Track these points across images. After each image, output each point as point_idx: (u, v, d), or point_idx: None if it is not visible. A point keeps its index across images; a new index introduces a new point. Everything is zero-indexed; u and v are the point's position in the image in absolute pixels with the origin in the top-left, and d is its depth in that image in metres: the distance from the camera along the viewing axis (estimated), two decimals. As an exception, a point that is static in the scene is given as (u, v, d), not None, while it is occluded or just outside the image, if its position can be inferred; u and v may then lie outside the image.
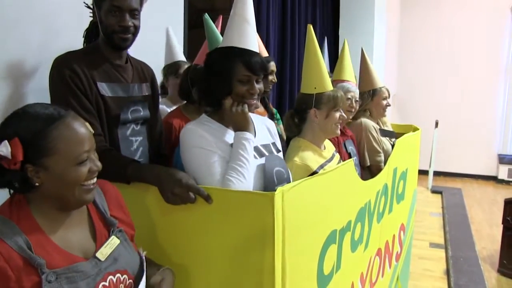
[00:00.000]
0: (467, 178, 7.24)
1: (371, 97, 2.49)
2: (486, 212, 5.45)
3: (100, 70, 1.39)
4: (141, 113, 1.50)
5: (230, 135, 1.32)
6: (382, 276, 2.17)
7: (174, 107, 2.30)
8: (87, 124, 0.94)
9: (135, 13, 1.41)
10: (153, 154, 1.58)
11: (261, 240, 1.08)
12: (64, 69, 1.30)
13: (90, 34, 1.51)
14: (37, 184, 0.87)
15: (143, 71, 1.55)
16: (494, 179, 7.12)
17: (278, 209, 1.07)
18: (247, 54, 1.28)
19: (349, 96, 2.14)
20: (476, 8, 6.98)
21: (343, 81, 2.18)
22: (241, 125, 1.29)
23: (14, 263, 0.81)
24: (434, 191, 6.14)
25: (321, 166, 1.66)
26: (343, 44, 2.37)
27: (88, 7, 1.51)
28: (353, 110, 2.20)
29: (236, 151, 1.24)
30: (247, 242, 1.11)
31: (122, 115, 1.41)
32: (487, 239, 4.49)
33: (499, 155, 7.11)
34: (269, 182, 1.29)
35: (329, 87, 1.73)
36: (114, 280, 0.96)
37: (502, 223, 3.67)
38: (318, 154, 1.71)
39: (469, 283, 3.39)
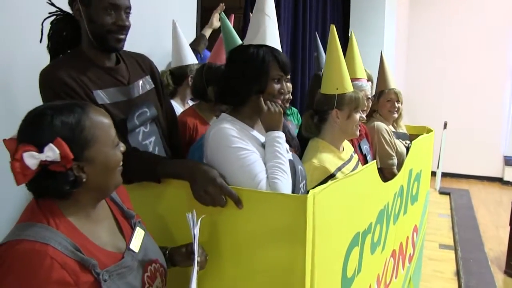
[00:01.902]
0: (473, 180, 7.22)
1: (377, 98, 2.52)
2: (492, 214, 5.44)
3: (92, 77, 1.28)
4: (148, 114, 1.42)
5: (257, 134, 1.32)
6: (396, 277, 2.18)
7: (179, 106, 2.30)
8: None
9: (128, 11, 1.33)
10: (170, 150, 1.54)
11: (292, 243, 1.09)
12: (54, 83, 1.21)
13: (61, 37, 1.35)
14: (84, 180, 0.85)
15: (139, 65, 1.46)
16: (500, 180, 7.11)
17: (310, 212, 1.07)
18: (280, 54, 1.29)
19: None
20: (484, 12, 6.94)
21: (356, 79, 2.10)
22: (276, 125, 1.29)
23: (69, 267, 0.80)
24: (442, 193, 6.11)
25: (339, 169, 1.66)
26: (350, 37, 2.22)
27: (53, 4, 1.36)
28: (366, 108, 2.17)
29: (274, 149, 1.24)
30: (277, 244, 1.11)
31: (128, 124, 1.33)
32: (493, 240, 4.48)
33: (505, 157, 7.09)
34: (297, 179, 1.31)
35: (350, 88, 1.72)
36: (153, 270, 0.98)
37: (510, 225, 3.67)
38: (336, 156, 1.71)
39: (480, 284, 3.40)
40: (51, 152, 0.79)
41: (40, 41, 1.33)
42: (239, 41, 1.73)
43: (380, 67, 2.53)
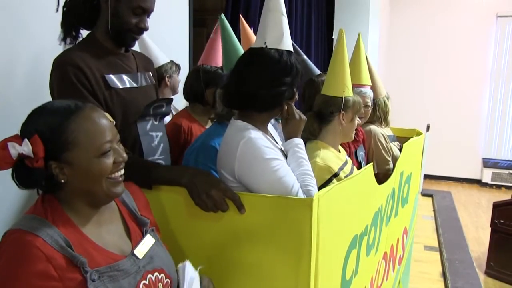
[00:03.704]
0: (452, 181, 7.36)
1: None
2: (472, 215, 5.54)
3: (104, 62, 1.30)
4: (163, 109, 1.44)
5: (272, 140, 1.30)
6: (387, 279, 2.19)
7: None
8: (107, 114, 0.92)
9: (150, 15, 1.36)
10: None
11: (297, 245, 1.07)
12: (67, 66, 1.21)
13: (77, 14, 1.33)
14: (63, 180, 0.86)
15: (143, 60, 1.49)
16: (478, 182, 7.26)
17: (315, 215, 1.06)
18: (298, 61, 1.28)
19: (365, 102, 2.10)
20: (463, 16, 7.10)
21: (361, 85, 2.09)
22: (298, 132, 1.30)
23: (56, 262, 0.80)
24: (424, 194, 6.19)
25: (341, 168, 1.67)
26: (358, 40, 2.14)
27: None
28: (363, 116, 2.17)
29: (299, 156, 1.25)
30: (282, 247, 1.09)
31: (144, 109, 1.34)
32: (473, 241, 4.56)
33: (483, 159, 7.25)
34: None
35: (351, 91, 1.75)
36: (153, 278, 0.95)
37: (490, 226, 3.74)
38: (336, 156, 1.72)
39: (466, 285, 3.46)
40: (26, 147, 0.82)
41: (56, 11, 1.33)
42: (239, 45, 1.70)
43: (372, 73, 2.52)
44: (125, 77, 1.34)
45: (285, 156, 1.31)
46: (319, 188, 1.10)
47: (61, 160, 0.85)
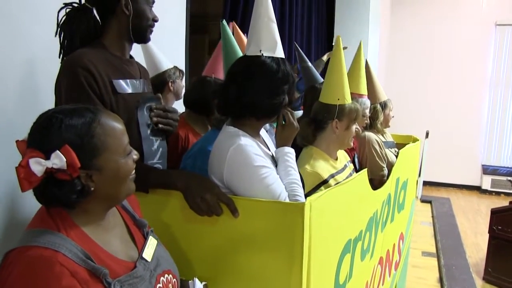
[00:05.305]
0: (452, 188, 7.37)
1: (383, 110, 2.55)
2: (471, 221, 5.55)
3: (112, 67, 1.32)
4: None
5: (264, 147, 1.32)
6: (383, 284, 2.20)
7: None
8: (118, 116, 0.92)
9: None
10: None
11: (290, 250, 1.09)
12: (78, 68, 1.21)
13: (78, 29, 1.33)
14: (92, 188, 0.82)
15: (143, 68, 1.51)
16: (478, 189, 7.27)
17: (307, 220, 1.08)
18: None
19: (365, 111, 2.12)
20: (462, 23, 7.15)
21: (359, 95, 2.10)
22: (290, 139, 1.32)
23: (80, 276, 0.77)
24: (423, 201, 6.21)
25: (332, 176, 1.67)
26: (358, 49, 2.15)
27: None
28: (364, 125, 2.19)
29: (287, 165, 1.27)
30: (274, 251, 1.11)
31: (139, 112, 1.34)
32: (472, 247, 4.57)
33: (483, 165, 7.27)
34: None
35: (349, 99, 1.74)
36: (165, 281, 0.95)
37: (488, 232, 3.75)
38: (329, 164, 1.73)
39: (463, 291, 3.46)
40: (58, 160, 0.77)
41: (55, 34, 1.33)
42: (240, 52, 1.71)
43: (371, 78, 2.54)
44: (131, 82, 1.37)
45: (276, 162, 1.33)
46: (307, 195, 1.12)
47: (90, 167, 0.81)
